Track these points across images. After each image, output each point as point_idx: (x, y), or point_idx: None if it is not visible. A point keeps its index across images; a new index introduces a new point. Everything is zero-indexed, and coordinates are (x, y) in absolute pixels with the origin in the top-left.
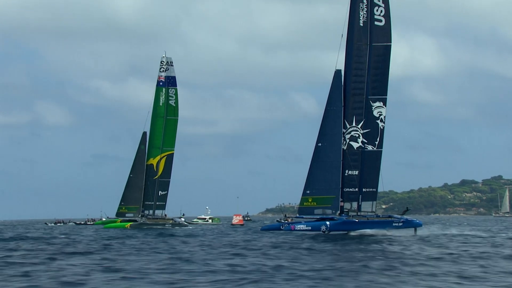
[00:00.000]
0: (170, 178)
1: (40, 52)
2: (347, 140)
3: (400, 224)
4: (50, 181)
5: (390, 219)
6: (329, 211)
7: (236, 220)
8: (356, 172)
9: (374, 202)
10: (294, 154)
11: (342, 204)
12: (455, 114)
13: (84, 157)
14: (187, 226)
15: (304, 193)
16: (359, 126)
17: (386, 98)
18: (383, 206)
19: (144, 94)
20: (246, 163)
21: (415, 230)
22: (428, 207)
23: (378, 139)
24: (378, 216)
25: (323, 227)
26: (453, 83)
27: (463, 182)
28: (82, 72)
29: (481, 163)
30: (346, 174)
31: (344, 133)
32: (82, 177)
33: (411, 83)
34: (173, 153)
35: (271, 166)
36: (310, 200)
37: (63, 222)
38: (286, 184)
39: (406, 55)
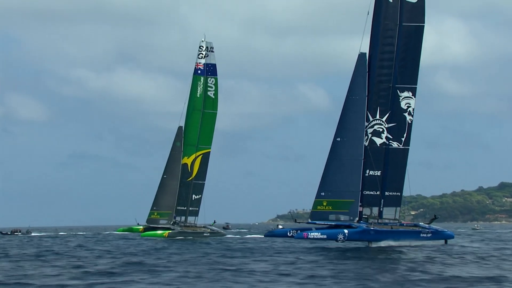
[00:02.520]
0: (205, 180)
1: (14, 37)
2: (369, 135)
3: (429, 235)
4: (19, 183)
5: (417, 228)
6: (345, 217)
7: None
8: (379, 173)
9: (398, 208)
10: (301, 153)
11: (361, 209)
12: (483, 108)
13: (60, 157)
14: (225, 234)
15: (318, 195)
16: (383, 119)
17: (415, 87)
18: (412, 213)
19: (133, 86)
20: (244, 163)
21: (446, 242)
22: (464, 213)
23: (405, 135)
24: (402, 225)
25: (341, 236)
26: (482, 73)
27: (502, 186)
28: (63, 60)
29: None
30: (366, 175)
31: (366, 126)
32: (56, 178)
33: (435, 72)
34: (209, 152)
35: (278, 167)
36: (324, 204)
37: (19, 232)
38: (299, 187)
39: (431, 40)
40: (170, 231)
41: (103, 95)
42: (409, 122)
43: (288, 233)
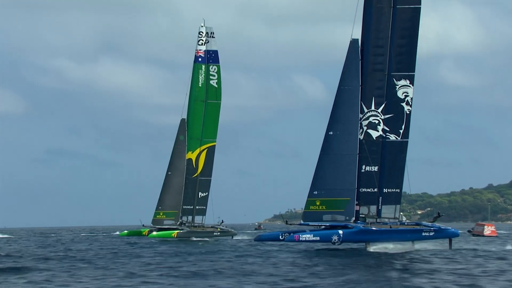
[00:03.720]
0: (211, 177)
1: None
2: (364, 128)
3: (431, 233)
4: None
5: (418, 227)
6: (341, 217)
7: (488, 230)
8: (375, 168)
9: (398, 206)
10: (298, 149)
11: (357, 208)
12: (491, 100)
13: (35, 153)
14: (236, 234)
15: (310, 194)
16: (379, 110)
17: (413, 75)
18: (419, 212)
19: (117, 77)
20: (237, 160)
21: (450, 242)
22: (474, 213)
23: (403, 127)
24: (403, 224)
25: (335, 237)
26: (490, 63)
27: None
28: (42, 49)
29: None
30: (362, 171)
31: (360, 118)
32: (30, 176)
33: (439, 62)
34: (215, 145)
35: (273, 164)
36: (318, 203)
37: None
38: (297, 186)
39: (435, 28)
40: (179, 231)
41: (85, 87)
42: (407, 112)
43: (280, 236)
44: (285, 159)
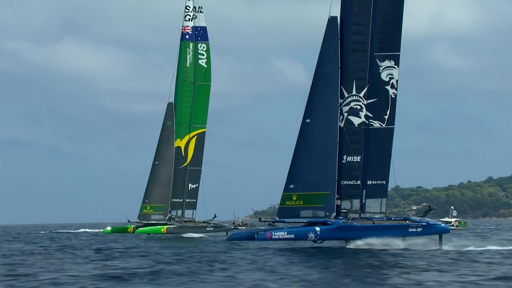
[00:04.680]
0: (202, 166)
1: None
2: (345, 115)
3: (419, 229)
4: None
5: (405, 222)
6: (321, 213)
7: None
8: (358, 159)
9: (384, 200)
10: (278, 139)
11: (338, 202)
12: (488, 86)
13: None
14: (231, 229)
15: (286, 188)
16: (361, 95)
17: (398, 55)
18: (414, 207)
19: (80, 60)
20: (209, 152)
21: (440, 238)
22: (474, 208)
23: (388, 112)
24: (389, 219)
25: (311, 235)
26: (488, 45)
27: None
28: None
29: None
30: (344, 161)
31: (340, 104)
32: None
33: (432, 44)
34: (205, 132)
35: (250, 156)
36: (294, 198)
37: None
38: (278, 179)
39: (429, 7)
40: (168, 226)
41: (43, 71)
42: (393, 96)
43: (256, 234)
44: (263, 150)
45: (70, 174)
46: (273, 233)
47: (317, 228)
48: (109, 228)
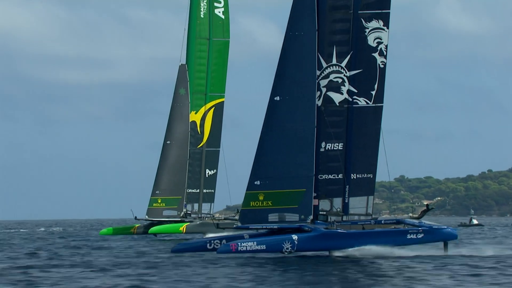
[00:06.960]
0: (220, 147)
1: None
2: (323, 90)
3: (420, 235)
4: None
5: (402, 227)
6: (294, 216)
7: None
8: (340, 146)
9: (371, 198)
10: (243, 118)
11: (316, 202)
12: (504, 54)
13: None
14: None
15: (250, 185)
16: (343, 65)
17: (388, 13)
18: (425, 202)
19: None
20: (152, 131)
21: (446, 246)
22: (500, 204)
23: (376, 87)
24: (378, 222)
25: (287, 245)
26: (507, 4)
27: None
28: None
29: None
30: (322, 150)
31: (318, 77)
32: None
33: (437, 1)
34: (223, 102)
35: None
36: (261, 198)
37: None
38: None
39: None
40: (188, 224)
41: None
42: (381, 66)
43: (208, 244)
44: (225, 129)
45: None
46: (239, 244)
47: (295, 237)
48: (105, 230)
